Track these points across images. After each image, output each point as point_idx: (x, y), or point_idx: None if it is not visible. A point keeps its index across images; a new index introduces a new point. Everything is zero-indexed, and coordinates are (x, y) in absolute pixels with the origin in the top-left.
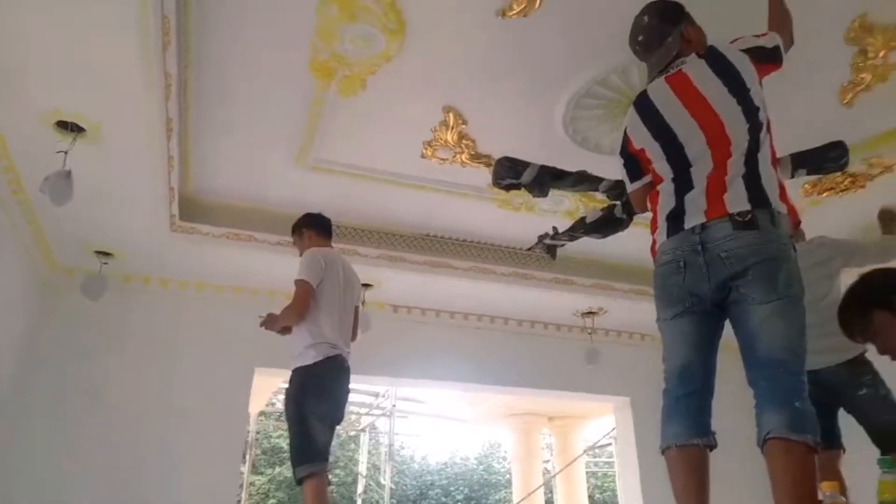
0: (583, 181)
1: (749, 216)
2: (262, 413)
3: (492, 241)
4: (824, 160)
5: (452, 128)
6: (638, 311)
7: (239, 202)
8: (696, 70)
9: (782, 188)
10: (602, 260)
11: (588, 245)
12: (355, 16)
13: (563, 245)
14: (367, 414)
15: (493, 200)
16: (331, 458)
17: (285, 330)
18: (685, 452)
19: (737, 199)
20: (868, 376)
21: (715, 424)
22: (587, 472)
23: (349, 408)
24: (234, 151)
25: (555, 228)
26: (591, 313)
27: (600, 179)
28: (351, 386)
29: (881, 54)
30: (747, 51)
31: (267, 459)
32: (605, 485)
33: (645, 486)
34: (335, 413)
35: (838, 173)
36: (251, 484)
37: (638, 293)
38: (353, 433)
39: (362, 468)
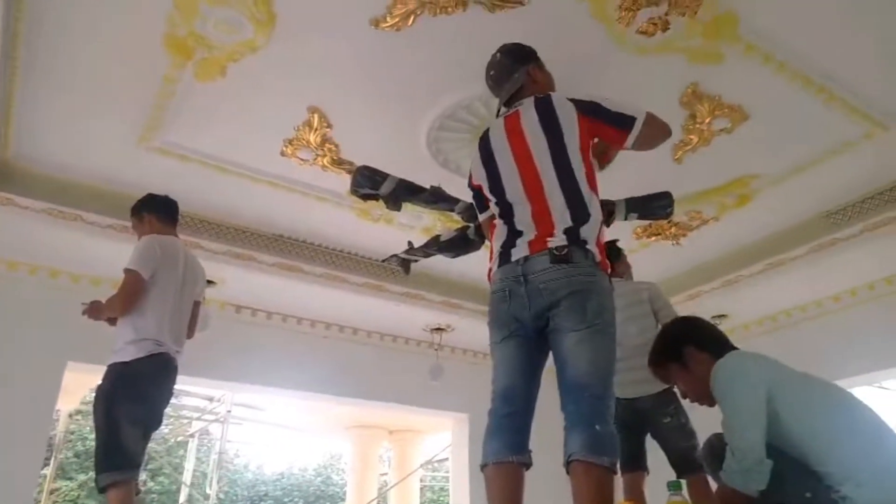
0: (438, 200)
1: (565, 251)
2: (77, 412)
3: (347, 250)
4: (653, 207)
5: (316, 129)
6: (481, 331)
7: (68, 175)
8: (527, 113)
9: (601, 234)
10: (453, 278)
11: (442, 263)
12: None
13: (417, 260)
14: (198, 419)
15: (352, 209)
16: (154, 465)
17: (112, 321)
18: (501, 469)
19: (556, 237)
20: (672, 406)
21: (536, 445)
22: (424, 486)
23: (180, 412)
24: (68, 117)
25: (410, 244)
26: (439, 329)
27: (456, 200)
28: (184, 388)
29: (706, 121)
30: (578, 102)
31: (79, 463)
32: (442, 499)
33: (474, 502)
34: (151, 417)
35: (665, 221)
36: (56, 490)
37: (483, 313)
38: (181, 439)
39: (187, 476)
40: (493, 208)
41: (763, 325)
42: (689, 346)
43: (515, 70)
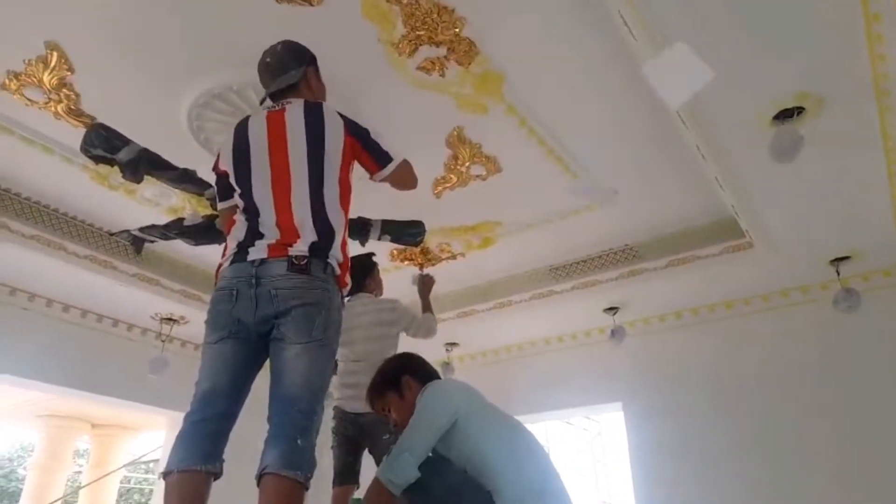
0: (187, 181)
1: (304, 261)
2: None
3: (71, 214)
4: (406, 233)
5: (53, 69)
6: None
7: None
8: (293, 114)
9: (344, 243)
10: (197, 267)
11: (184, 248)
12: None
13: (153, 241)
14: None
15: (87, 170)
16: None
17: None
18: (186, 478)
19: (299, 245)
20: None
21: (236, 456)
22: (132, 489)
23: None
24: None
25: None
26: (171, 320)
27: (207, 185)
28: None
29: (466, 164)
30: (350, 123)
31: None
32: (152, 502)
33: None
34: None
35: (416, 248)
36: None
37: None
38: None
39: None
40: (238, 200)
41: (486, 356)
42: (406, 375)
43: (293, 67)
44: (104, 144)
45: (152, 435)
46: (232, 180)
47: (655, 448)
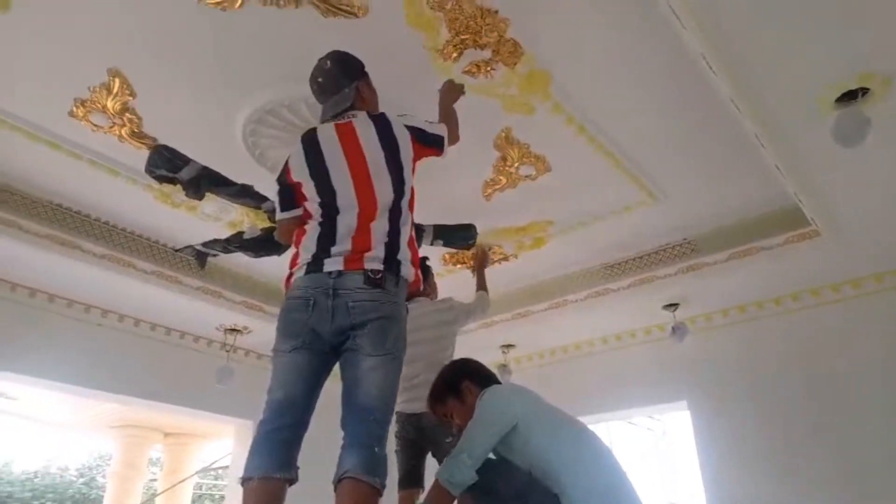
0: (245, 195)
1: (380, 276)
2: None
3: (139, 232)
4: (457, 237)
5: (116, 95)
6: None
7: None
8: (364, 128)
9: (415, 254)
10: (257, 278)
11: (245, 261)
12: None
13: (215, 255)
14: None
15: (150, 189)
16: None
17: None
18: (264, 485)
19: (373, 257)
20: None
21: (306, 460)
22: (204, 494)
23: None
24: None
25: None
26: (234, 330)
27: (265, 198)
28: None
29: (515, 165)
30: (411, 128)
31: None
32: None
33: None
34: None
35: (467, 251)
36: None
37: None
38: None
39: None
40: (314, 211)
41: (544, 357)
42: (467, 380)
43: (345, 85)
44: (167, 165)
45: (221, 443)
46: (307, 190)
47: (725, 449)
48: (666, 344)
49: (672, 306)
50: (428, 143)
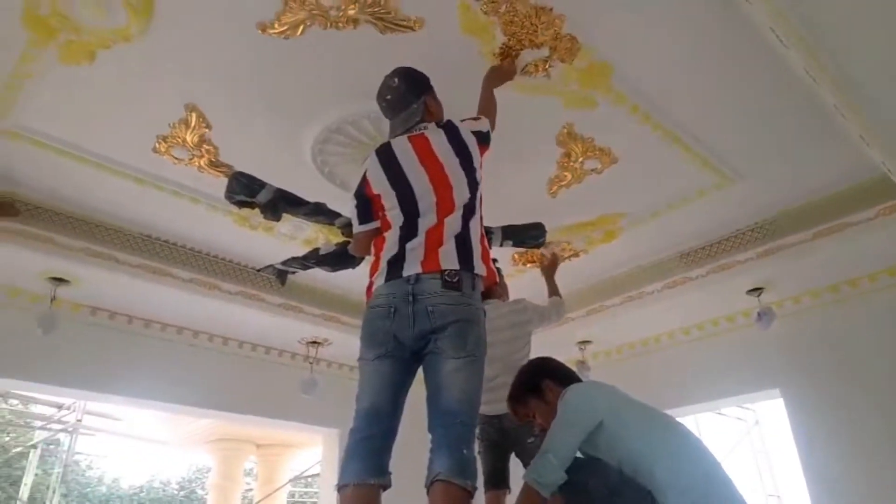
0: (319, 213)
1: (457, 277)
2: None
3: (221, 255)
4: (527, 236)
5: (194, 129)
6: (358, 346)
7: None
8: (436, 138)
9: (486, 252)
10: (333, 291)
11: (321, 275)
12: None
13: (294, 272)
14: (43, 427)
15: (230, 214)
16: None
17: None
18: (360, 491)
19: (448, 257)
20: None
21: (398, 465)
22: (296, 502)
23: (25, 419)
24: None
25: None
26: (315, 343)
27: (337, 214)
28: (30, 394)
29: (580, 160)
30: (477, 133)
31: None
32: None
33: None
34: None
35: (538, 250)
36: None
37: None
38: (20, 449)
39: (25, 491)
40: (393, 219)
41: (622, 352)
42: (547, 379)
43: (413, 101)
44: (245, 190)
45: (311, 451)
46: (387, 200)
47: (826, 439)
48: (753, 331)
49: (756, 291)
50: (484, 142)
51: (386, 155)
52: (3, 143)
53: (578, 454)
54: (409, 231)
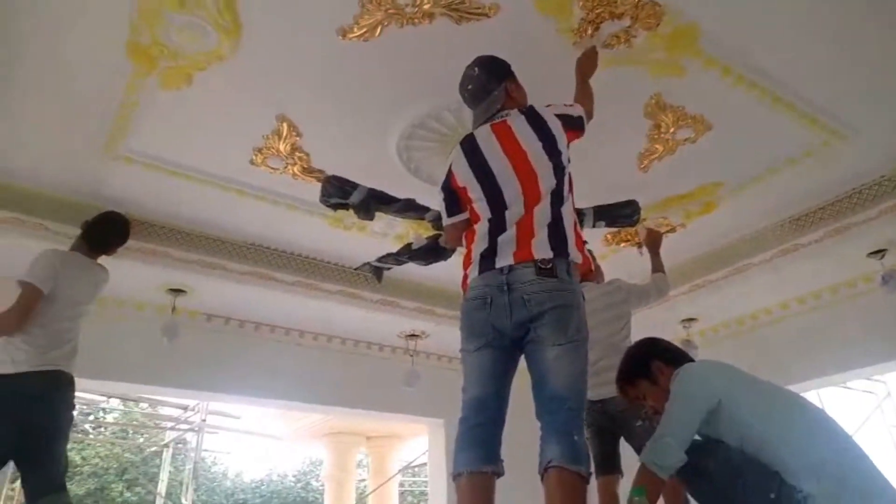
0: (409, 209)
1: (550, 264)
2: None
3: (320, 258)
4: (620, 215)
5: (285, 138)
6: (456, 336)
7: (31, 185)
8: (518, 124)
9: (579, 238)
10: (428, 284)
11: (415, 269)
12: (185, 5)
13: (389, 268)
14: (172, 428)
15: (325, 217)
16: (129, 476)
17: None
18: (474, 479)
19: (541, 247)
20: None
21: (505, 453)
22: (405, 491)
23: (155, 421)
24: (32, 126)
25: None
26: (413, 336)
27: (427, 209)
28: (158, 397)
29: (671, 130)
30: (559, 116)
31: None
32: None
33: None
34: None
35: (632, 227)
36: None
37: (458, 319)
38: (154, 449)
39: (162, 487)
40: (481, 211)
41: (730, 327)
42: (656, 360)
43: (494, 88)
44: (338, 193)
45: (417, 442)
46: (473, 192)
47: None
48: (877, 296)
49: (878, 253)
50: (573, 127)
51: (470, 146)
52: (118, 168)
53: (696, 436)
54: (498, 224)
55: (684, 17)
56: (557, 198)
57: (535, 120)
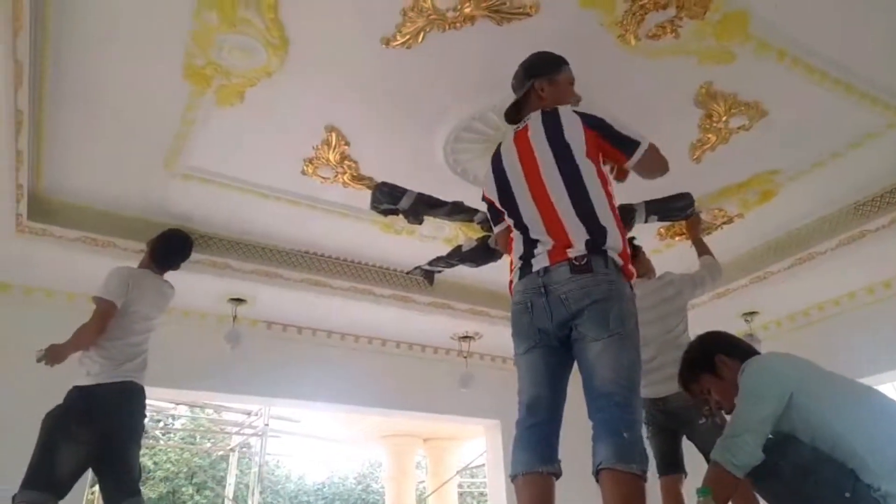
0: (458, 212)
1: (585, 260)
2: None
3: (372, 263)
4: (673, 209)
5: (335, 148)
6: (509, 337)
7: (99, 205)
8: (535, 128)
9: (618, 223)
10: (479, 286)
11: (466, 271)
12: (235, 26)
13: (440, 271)
14: (237, 433)
15: (375, 223)
16: (198, 480)
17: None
18: (532, 480)
19: (575, 244)
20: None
21: (565, 453)
22: (464, 493)
23: (221, 426)
24: (96, 148)
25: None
26: (466, 337)
27: (475, 211)
28: (223, 403)
29: (723, 119)
30: (583, 115)
31: None
32: None
33: None
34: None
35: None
36: None
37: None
38: (221, 453)
39: (229, 490)
40: (508, 220)
41: (795, 320)
42: (720, 354)
43: (521, 86)
44: (388, 199)
45: (475, 443)
46: (498, 206)
47: None
48: None
49: None
50: (608, 137)
51: (495, 160)
52: (179, 185)
53: None
54: (525, 231)
55: (732, 4)
56: (580, 201)
57: (549, 120)
